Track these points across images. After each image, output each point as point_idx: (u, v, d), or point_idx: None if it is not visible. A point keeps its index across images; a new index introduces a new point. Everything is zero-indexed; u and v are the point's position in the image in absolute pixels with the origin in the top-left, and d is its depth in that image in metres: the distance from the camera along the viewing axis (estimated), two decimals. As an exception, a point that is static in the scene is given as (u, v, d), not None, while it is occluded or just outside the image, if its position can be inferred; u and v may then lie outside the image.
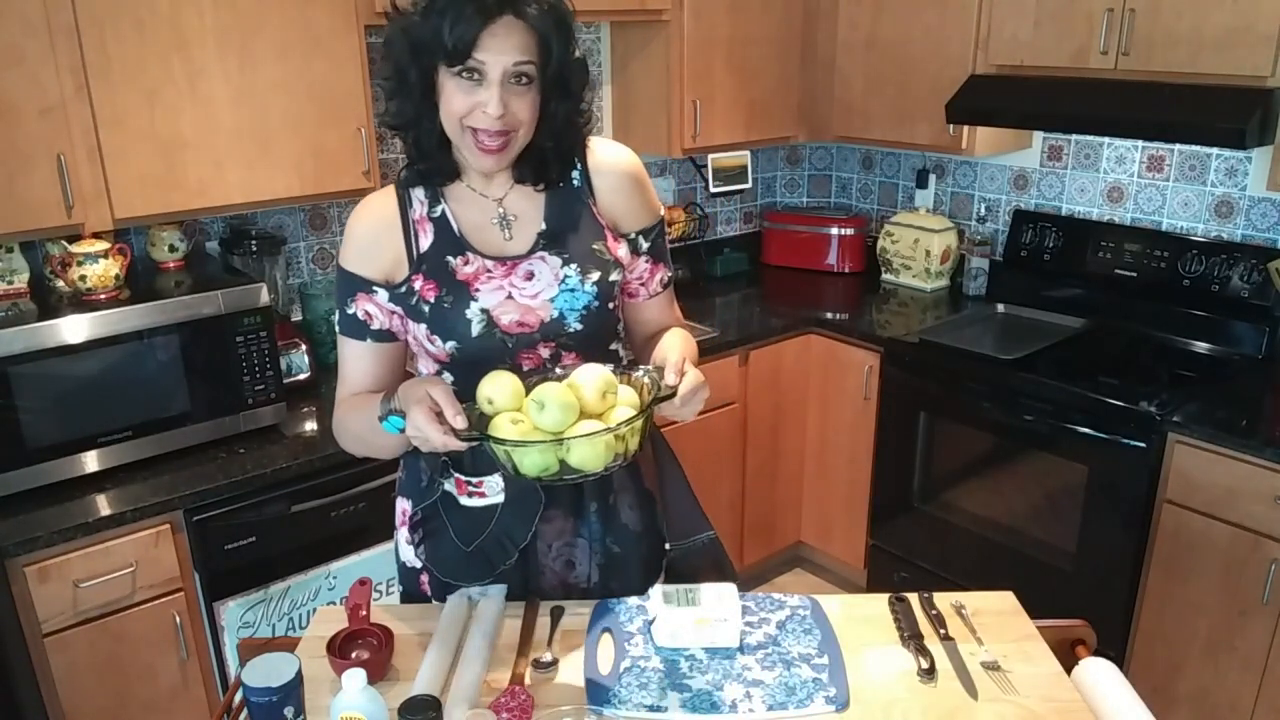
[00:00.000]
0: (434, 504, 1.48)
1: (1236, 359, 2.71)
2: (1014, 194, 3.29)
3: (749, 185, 3.44)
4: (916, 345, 2.89)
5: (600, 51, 3.26)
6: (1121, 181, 3.01)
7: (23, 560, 1.90)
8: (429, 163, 1.38)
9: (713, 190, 3.32)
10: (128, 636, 2.05)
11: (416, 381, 1.27)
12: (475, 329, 1.35)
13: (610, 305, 1.42)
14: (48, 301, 2.16)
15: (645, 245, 1.47)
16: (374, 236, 1.39)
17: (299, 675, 1.14)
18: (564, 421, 1.17)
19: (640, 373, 1.30)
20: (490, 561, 1.45)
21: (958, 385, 2.78)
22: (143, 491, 2.05)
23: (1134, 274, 2.94)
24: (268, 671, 1.12)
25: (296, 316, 2.76)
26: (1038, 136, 3.17)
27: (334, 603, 2.26)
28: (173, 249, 2.42)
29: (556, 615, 1.40)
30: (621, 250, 1.44)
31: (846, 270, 3.64)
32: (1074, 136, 3.08)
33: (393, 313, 1.40)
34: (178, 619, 2.10)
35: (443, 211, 1.39)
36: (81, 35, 2.01)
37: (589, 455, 1.17)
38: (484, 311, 1.35)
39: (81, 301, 2.11)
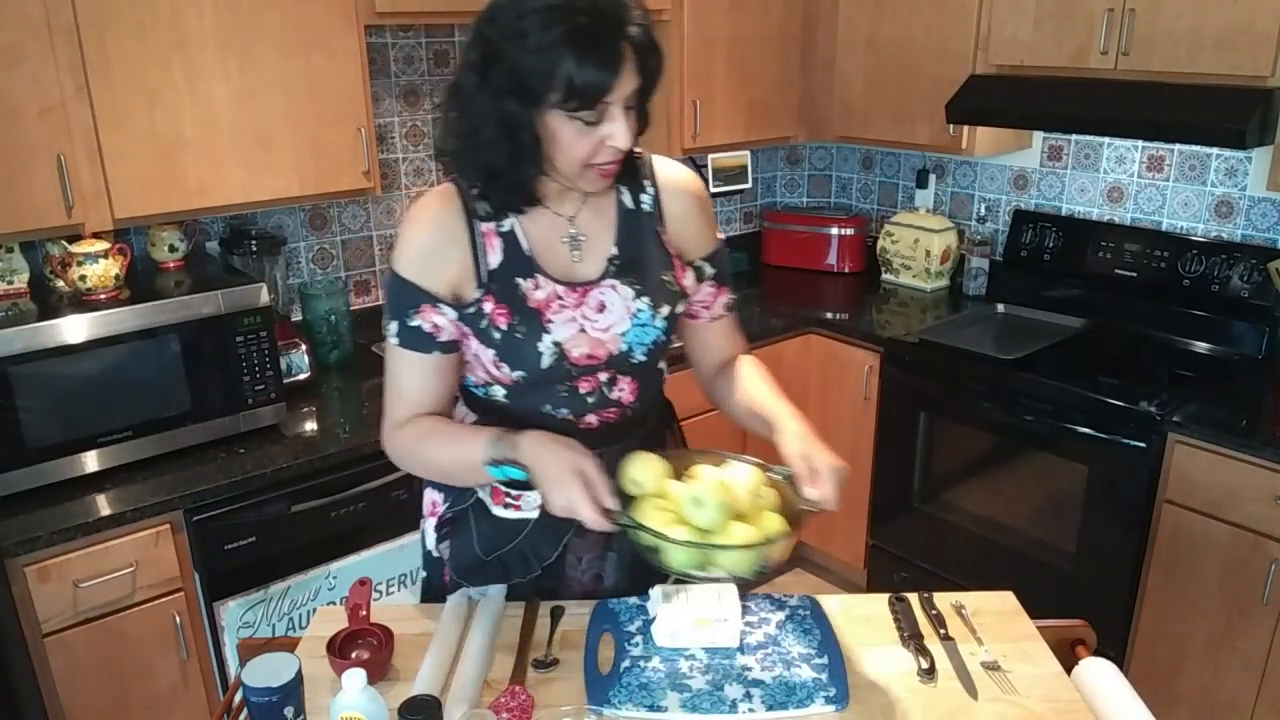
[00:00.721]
0: (465, 508, 1.45)
1: (1236, 359, 2.71)
2: (1014, 194, 3.29)
3: (749, 185, 3.44)
4: (916, 345, 2.89)
5: (600, 51, 3.26)
6: (1121, 181, 3.01)
7: (23, 560, 1.90)
8: (511, 197, 1.29)
9: (713, 190, 3.32)
10: (128, 636, 2.05)
11: (560, 447, 1.21)
12: (546, 361, 1.31)
13: (672, 336, 1.40)
14: (48, 301, 2.16)
15: (711, 271, 1.45)
16: (437, 247, 1.30)
17: (299, 675, 1.14)
18: (719, 522, 1.17)
19: (777, 473, 1.28)
20: (508, 572, 1.44)
21: (958, 385, 2.78)
22: (143, 491, 2.05)
23: (1134, 274, 2.94)
24: (268, 671, 1.12)
25: (296, 316, 2.76)
26: (1038, 136, 3.17)
27: (334, 603, 2.26)
28: (173, 249, 2.42)
29: (556, 615, 1.40)
30: (688, 279, 1.41)
31: (846, 270, 3.64)
32: (1074, 136, 3.08)
33: (458, 325, 1.33)
34: (178, 619, 2.10)
35: (511, 227, 1.32)
36: (81, 35, 2.01)
37: (739, 561, 1.17)
38: (556, 345, 1.31)
39: (81, 301, 2.11)
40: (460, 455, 1.29)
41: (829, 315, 3.18)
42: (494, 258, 1.31)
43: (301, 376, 2.53)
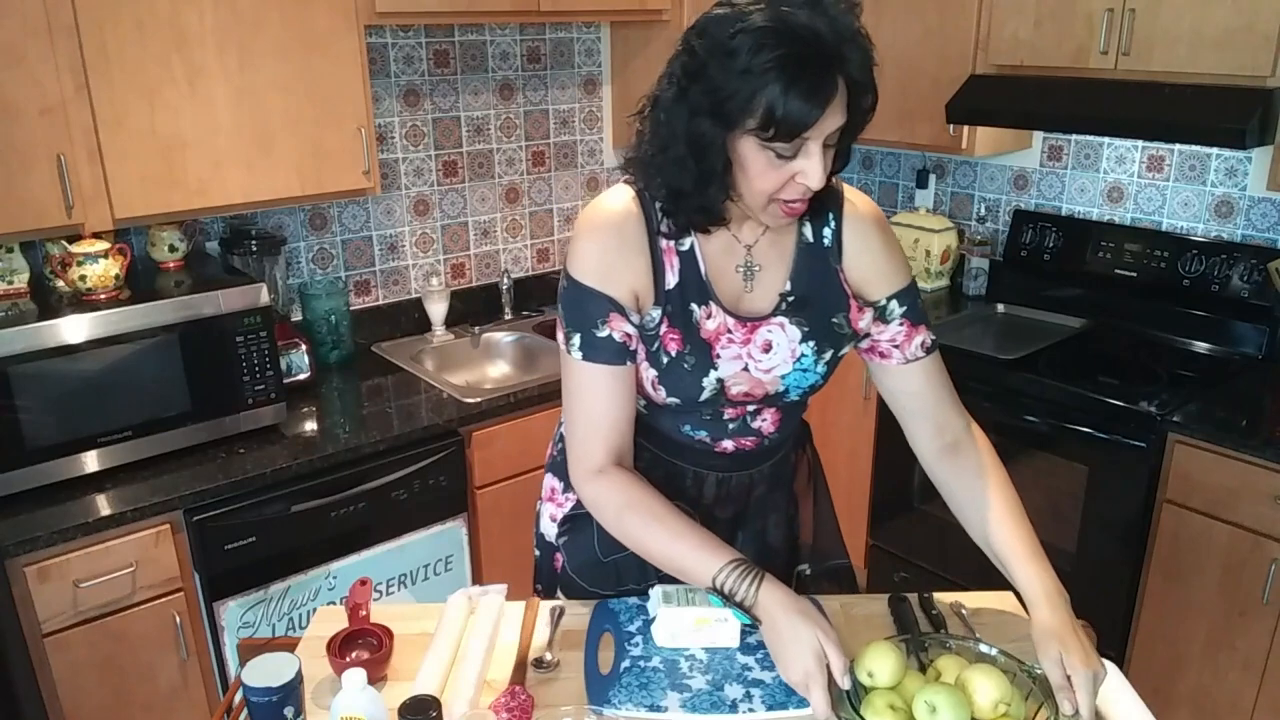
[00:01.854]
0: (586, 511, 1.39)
1: (1236, 359, 2.71)
2: (1014, 194, 3.29)
3: (749, 185, 3.43)
4: (916, 345, 2.89)
5: (600, 51, 3.26)
6: (1121, 181, 3.01)
7: (23, 560, 1.90)
8: (700, 218, 1.22)
9: (713, 190, 3.31)
10: (128, 636, 2.05)
11: (801, 619, 1.14)
12: (705, 394, 1.28)
13: (830, 378, 1.35)
14: (48, 301, 2.16)
15: (899, 311, 1.34)
16: (620, 253, 1.23)
17: (299, 675, 1.14)
18: None
19: (1030, 673, 1.19)
20: (620, 576, 1.43)
21: (958, 385, 2.77)
22: (143, 491, 2.05)
23: (1134, 274, 2.94)
24: (268, 671, 1.12)
25: (296, 316, 2.76)
26: (1038, 136, 3.17)
27: (334, 603, 2.26)
28: (173, 249, 2.42)
29: (556, 615, 1.40)
30: (864, 321, 1.33)
31: (846, 270, 3.63)
32: (1074, 136, 3.08)
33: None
34: (178, 619, 2.10)
35: (691, 246, 1.26)
36: (81, 35, 2.01)
37: None
38: (719, 381, 1.28)
39: (81, 301, 2.11)
40: (679, 561, 1.22)
41: (829, 315, 3.18)
42: (672, 277, 1.25)
43: (301, 376, 2.53)
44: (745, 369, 1.29)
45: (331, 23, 2.32)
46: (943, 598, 1.45)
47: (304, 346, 2.53)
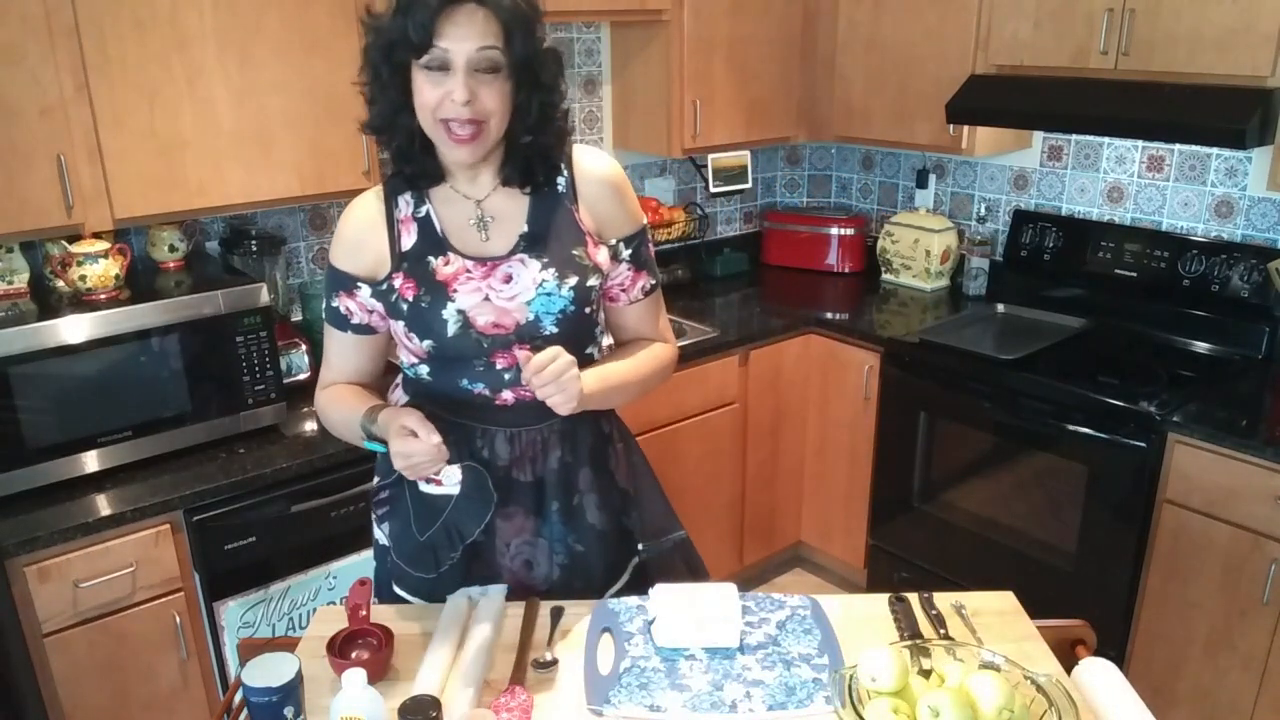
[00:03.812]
0: (398, 482, 1.50)
1: (1236, 359, 2.72)
2: (1014, 194, 3.29)
3: (749, 185, 3.44)
4: (916, 345, 2.89)
5: (600, 51, 3.26)
6: (1121, 181, 3.01)
7: (23, 560, 1.90)
8: (412, 165, 1.40)
9: (713, 190, 3.32)
10: (128, 636, 2.05)
11: (397, 415, 1.33)
12: (451, 329, 1.37)
13: (587, 310, 1.43)
14: (48, 301, 2.16)
15: (627, 253, 1.48)
16: (360, 235, 1.43)
17: (299, 675, 1.14)
18: None
19: (1034, 678, 1.21)
20: (436, 556, 1.47)
21: (958, 385, 2.78)
22: (142, 491, 2.05)
23: (1134, 274, 2.94)
24: (268, 671, 1.13)
25: (296, 316, 2.76)
26: (1038, 136, 3.17)
27: (334, 603, 2.26)
28: (173, 249, 2.42)
29: (556, 615, 1.40)
30: (601, 256, 1.44)
31: (846, 270, 3.64)
32: (1074, 136, 3.08)
33: (372, 310, 1.45)
34: (178, 619, 2.10)
35: (427, 212, 1.42)
36: (81, 35, 2.01)
37: None
38: (460, 313, 1.37)
39: (81, 301, 2.11)
40: (350, 421, 1.42)
41: (829, 315, 3.18)
42: (408, 241, 1.41)
43: (301, 376, 2.53)
44: (487, 299, 1.38)
45: (331, 23, 2.32)
46: (943, 598, 1.45)
47: (304, 346, 2.53)
